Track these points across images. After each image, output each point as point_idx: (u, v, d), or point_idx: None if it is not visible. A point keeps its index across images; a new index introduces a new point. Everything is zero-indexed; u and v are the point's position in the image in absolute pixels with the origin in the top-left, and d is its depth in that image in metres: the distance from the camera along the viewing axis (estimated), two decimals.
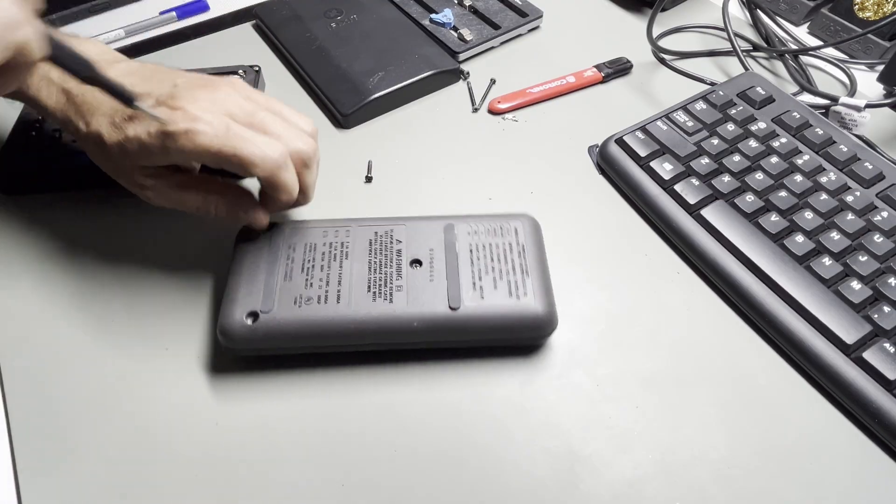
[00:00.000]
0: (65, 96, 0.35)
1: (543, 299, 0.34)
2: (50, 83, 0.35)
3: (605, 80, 0.52)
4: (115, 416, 0.33)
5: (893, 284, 0.36)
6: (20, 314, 0.37)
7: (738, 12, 0.59)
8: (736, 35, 0.52)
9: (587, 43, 0.55)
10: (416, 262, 0.35)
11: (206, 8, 0.60)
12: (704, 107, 0.46)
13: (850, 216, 0.39)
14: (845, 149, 0.43)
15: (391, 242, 0.36)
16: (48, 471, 0.31)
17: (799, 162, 0.42)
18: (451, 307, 0.33)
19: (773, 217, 0.39)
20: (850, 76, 0.52)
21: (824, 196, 0.40)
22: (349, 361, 0.35)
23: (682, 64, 0.53)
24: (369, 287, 0.34)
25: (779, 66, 0.54)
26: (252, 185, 0.37)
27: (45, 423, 0.33)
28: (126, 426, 0.33)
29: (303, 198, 0.36)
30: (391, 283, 0.34)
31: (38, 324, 0.36)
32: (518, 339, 0.35)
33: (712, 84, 0.50)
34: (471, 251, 0.36)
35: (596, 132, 0.48)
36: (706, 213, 0.40)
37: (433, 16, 0.55)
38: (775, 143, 0.43)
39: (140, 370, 0.35)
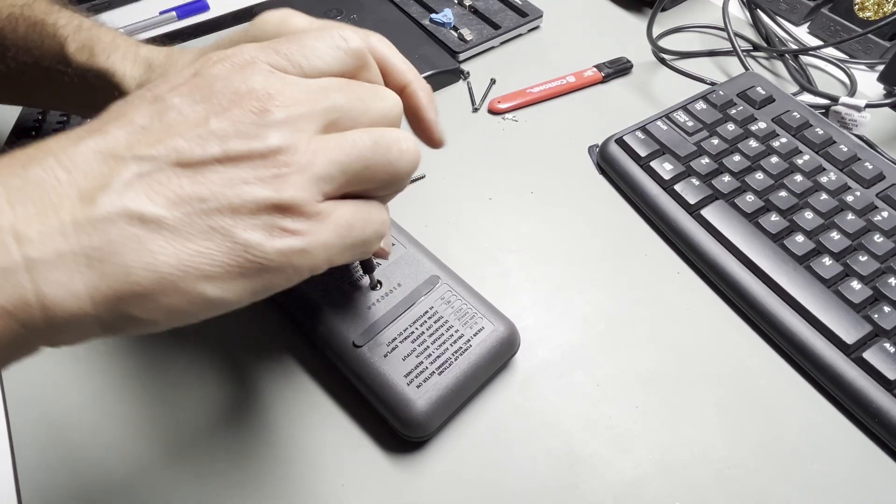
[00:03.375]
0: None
1: (431, 404, 0.30)
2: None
3: (605, 80, 0.52)
4: (114, 416, 0.33)
5: (893, 284, 0.36)
6: None
7: (738, 12, 0.59)
8: (736, 35, 0.52)
9: (587, 43, 0.55)
10: (378, 283, 0.34)
11: (206, 8, 0.59)
12: (704, 107, 0.46)
13: (850, 216, 0.39)
14: (845, 149, 0.43)
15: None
16: (48, 471, 0.31)
17: (799, 162, 0.42)
18: (354, 342, 0.32)
19: (773, 217, 0.39)
20: (850, 76, 0.52)
21: (824, 196, 0.40)
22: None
23: (682, 64, 0.53)
24: (330, 272, 0.34)
25: (779, 66, 0.54)
26: None
27: (45, 424, 0.33)
28: (126, 425, 0.33)
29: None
30: (343, 281, 0.34)
31: None
32: (386, 418, 0.32)
33: (712, 84, 0.50)
34: (425, 313, 0.33)
35: (596, 132, 0.48)
36: (706, 212, 0.40)
37: (433, 16, 0.55)
38: (775, 143, 0.43)
39: (147, 367, 0.35)
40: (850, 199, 0.40)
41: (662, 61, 0.54)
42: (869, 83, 0.52)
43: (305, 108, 0.21)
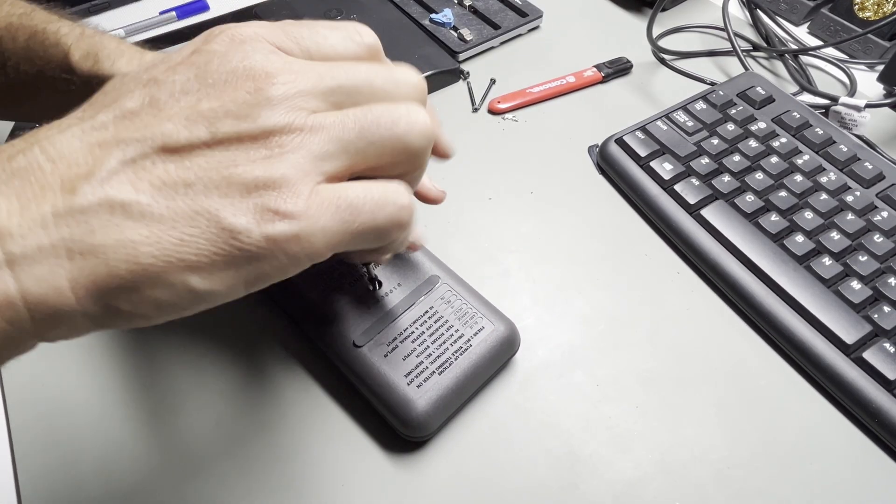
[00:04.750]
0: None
1: (431, 404, 0.30)
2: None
3: (605, 80, 0.52)
4: (114, 416, 0.33)
5: (893, 284, 0.36)
6: None
7: (738, 12, 0.59)
8: (736, 35, 0.52)
9: (587, 43, 0.55)
10: (378, 283, 0.34)
11: (206, 8, 0.59)
12: (704, 107, 0.46)
13: (850, 216, 0.39)
14: (845, 149, 0.43)
15: None
16: (48, 471, 0.31)
17: (799, 162, 0.42)
18: (354, 342, 0.32)
19: (773, 217, 0.39)
20: (850, 76, 0.52)
21: (824, 196, 0.40)
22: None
23: (682, 64, 0.53)
24: (329, 271, 0.34)
25: (779, 66, 0.54)
26: None
27: (45, 424, 0.33)
28: (125, 425, 0.33)
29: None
30: (343, 280, 0.34)
31: None
32: (386, 418, 0.31)
33: (712, 84, 0.50)
34: (425, 313, 0.33)
35: (596, 132, 0.48)
36: (706, 213, 0.40)
37: (433, 16, 0.55)
38: (775, 143, 0.43)
39: (146, 367, 0.35)
40: (849, 199, 0.40)
41: (662, 61, 0.54)
42: (869, 83, 0.52)
43: (305, 86, 0.19)
